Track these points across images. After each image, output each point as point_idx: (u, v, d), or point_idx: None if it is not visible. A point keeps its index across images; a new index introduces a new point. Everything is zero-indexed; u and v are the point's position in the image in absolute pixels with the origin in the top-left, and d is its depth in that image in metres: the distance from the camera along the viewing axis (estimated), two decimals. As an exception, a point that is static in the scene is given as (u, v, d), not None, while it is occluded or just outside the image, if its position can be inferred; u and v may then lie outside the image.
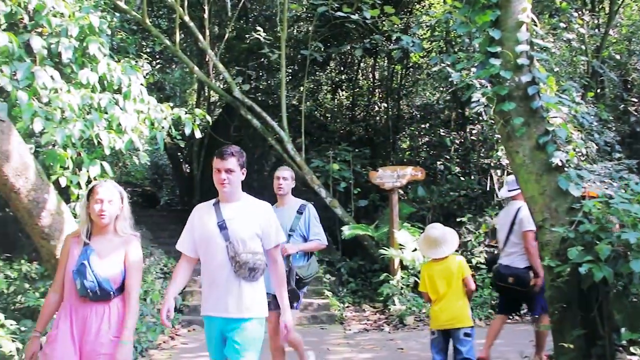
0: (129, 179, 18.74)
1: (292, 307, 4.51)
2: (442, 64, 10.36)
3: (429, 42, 13.00)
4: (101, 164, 6.50)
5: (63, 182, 6.23)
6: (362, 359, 6.75)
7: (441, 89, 13.90)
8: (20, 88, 5.82)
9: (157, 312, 8.31)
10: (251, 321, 3.53)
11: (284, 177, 5.28)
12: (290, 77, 14.46)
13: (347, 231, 9.84)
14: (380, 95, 15.34)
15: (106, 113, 6.51)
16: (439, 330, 4.95)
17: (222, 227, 3.52)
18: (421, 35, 12.45)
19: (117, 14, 9.54)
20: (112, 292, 3.42)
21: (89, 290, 3.35)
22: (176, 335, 8.03)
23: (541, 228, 4.70)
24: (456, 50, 11.24)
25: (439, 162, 12.82)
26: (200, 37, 11.45)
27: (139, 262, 3.54)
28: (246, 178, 3.74)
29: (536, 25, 5.17)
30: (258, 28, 12.06)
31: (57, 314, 3.50)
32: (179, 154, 17.10)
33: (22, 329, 5.66)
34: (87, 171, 6.40)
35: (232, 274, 3.49)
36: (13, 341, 4.92)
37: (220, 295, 3.53)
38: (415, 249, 9.04)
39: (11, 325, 5.15)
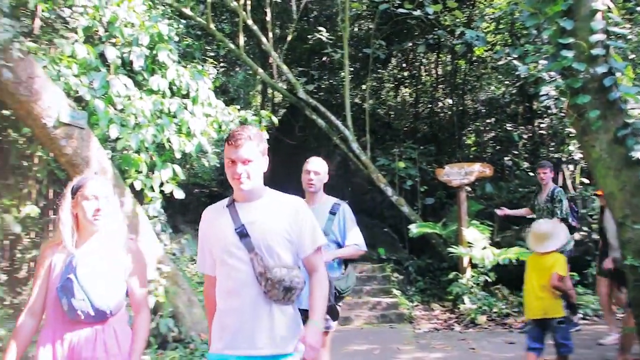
0: (196, 180, 19.18)
1: (328, 326, 4.12)
2: (508, 57, 10.11)
3: (493, 35, 12.70)
4: (172, 167, 6.71)
5: (138, 185, 6.46)
6: (433, 359, 6.67)
7: (507, 82, 13.54)
8: (97, 97, 6.10)
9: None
10: (291, 358, 2.66)
11: (316, 171, 4.35)
12: (352, 76, 14.45)
13: (414, 229, 9.73)
14: (444, 91, 15.11)
15: (176, 117, 6.71)
16: (533, 320, 5.04)
17: (243, 233, 2.63)
18: (485, 29, 12.18)
19: (183, 21, 9.81)
20: (109, 311, 2.76)
21: (79, 312, 2.69)
22: None
23: (622, 225, 4.50)
24: (522, 42, 10.91)
25: (506, 158, 12.50)
26: (264, 39, 11.60)
27: (144, 268, 2.98)
28: None
29: (611, 12, 4.95)
30: (320, 28, 12.11)
31: (37, 343, 2.78)
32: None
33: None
34: (160, 174, 6.62)
35: (260, 296, 2.59)
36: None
37: (245, 326, 2.60)
38: (485, 247, 8.85)
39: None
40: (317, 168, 4.37)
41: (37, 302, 2.80)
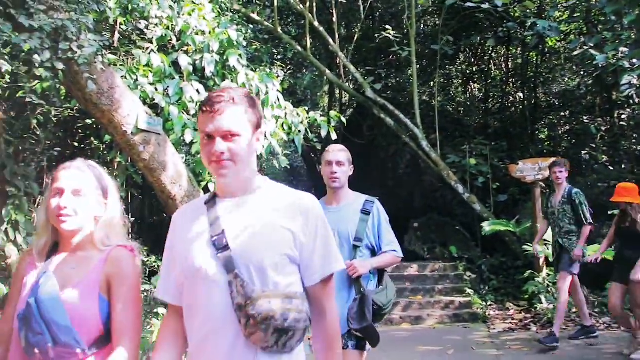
0: (267, 182, 19.54)
1: (362, 347, 3.41)
2: (584, 47, 9.72)
3: (567, 25, 12.24)
4: (244, 169, 6.85)
5: (212, 188, 6.67)
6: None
7: (582, 73, 13.01)
8: (172, 103, 6.35)
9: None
10: None
11: (339, 162, 3.46)
12: (420, 73, 14.31)
13: (487, 227, 9.54)
14: (515, 85, 14.70)
15: (247, 121, 6.86)
16: None
17: (221, 245, 1.79)
18: (558, 18, 11.75)
19: (251, 26, 10.03)
20: (79, 349, 1.94)
21: (36, 350, 1.93)
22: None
23: None
24: (600, 30, 10.46)
25: (583, 152, 12.03)
26: (330, 40, 11.68)
27: (132, 290, 2.06)
28: (380, 176, 3.66)
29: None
30: (386, 26, 12.07)
31: None
32: (313, 155, 17.56)
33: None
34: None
35: (240, 340, 1.74)
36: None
37: None
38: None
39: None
40: (340, 157, 3.47)
41: (5, 327, 2.08)
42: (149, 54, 6.46)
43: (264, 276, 1.73)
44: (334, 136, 7.90)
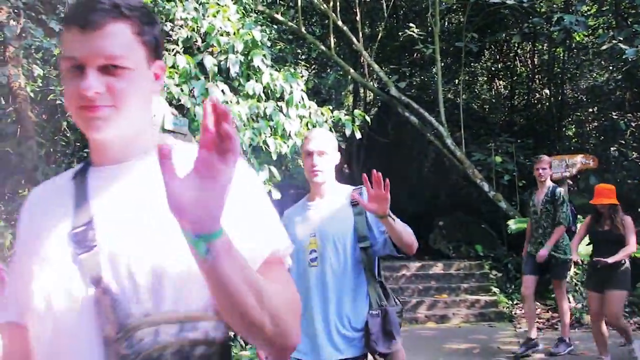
0: (292, 181, 19.67)
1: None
2: (613, 41, 9.57)
3: (595, 19, 12.04)
4: (269, 168, 6.94)
5: (236, 188, 6.74)
6: (536, 359, 6.46)
7: (611, 68, 12.79)
8: (197, 104, 6.44)
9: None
10: None
11: (321, 151, 2.76)
12: (444, 71, 14.23)
13: (513, 225, 9.44)
14: (541, 82, 14.52)
15: (271, 120, 6.93)
16: None
17: (84, 243, 1.09)
18: (586, 12, 11.57)
19: (275, 26, 10.09)
20: None
21: None
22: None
23: None
24: (630, 22, 10.28)
25: (612, 148, 11.83)
26: (354, 39, 11.69)
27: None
28: (404, 175, 3.49)
29: None
30: (409, 24, 12.03)
31: None
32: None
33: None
34: (257, 175, 6.85)
35: None
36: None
37: None
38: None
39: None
40: (321, 146, 2.75)
41: None
42: (175, 55, 6.55)
43: (154, 289, 1.04)
44: (358, 135, 7.92)
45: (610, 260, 5.38)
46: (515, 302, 9.30)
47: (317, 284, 2.69)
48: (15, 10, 4.99)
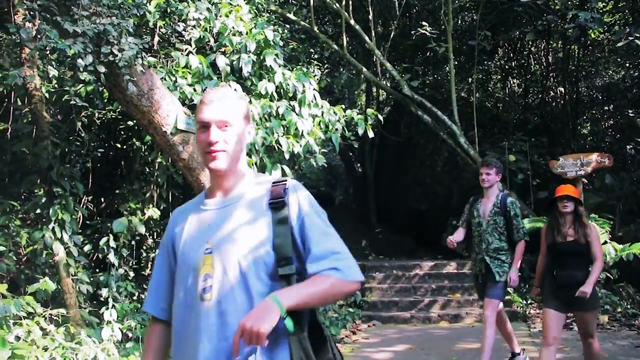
0: (305, 180, 19.72)
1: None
2: (629, 37, 9.46)
3: (611, 15, 11.92)
4: (282, 168, 6.95)
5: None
6: None
7: (627, 65, 12.66)
8: (210, 103, 6.46)
9: (338, 307, 8.67)
10: None
11: (222, 122, 1.86)
12: (458, 69, 14.17)
13: (527, 224, 9.36)
14: (556, 80, 14.40)
15: (284, 119, 6.94)
16: None
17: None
18: (601, 9, 11.46)
19: (287, 26, 10.10)
20: None
21: None
22: (357, 330, 8.28)
23: None
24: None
25: (628, 147, 11.72)
26: (366, 38, 11.67)
27: None
28: (418, 174, 3.25)
29: None
30: (422, 23, 11.99)
31: None
32: (351, 154, 17.57)
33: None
34: (270, 175, 6.88)
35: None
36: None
37: None
38: (606, 242, 8.35)
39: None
40: (222, 114, 1.85)
41: None
42: (188, 55, 6.59)
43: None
44: (371, 134, 7.92)
45: (589, 289, 4.55)
46: (529, 302, 9.23)
47: (210, 327, 1.72)
48: (31, 12, 5.05)
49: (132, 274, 7.32)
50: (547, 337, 4.72)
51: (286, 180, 1.87)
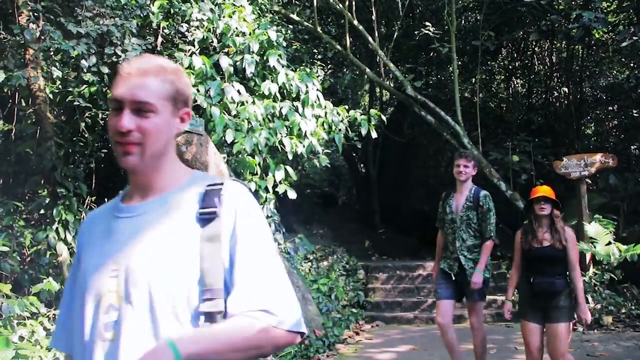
0: (308, 181, 19.72)
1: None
2: (634, 37, 9.45)
3: (615, 15, 11.89)
4: (285, 168, 6.95)
5: (252, 187, 6.77)
6: (554, 360, 6.39)
7: (632, 65, 12.63)
8: (213, 104, 6.48)
9: (342, 307, 8.66)
10: None
11: (138, 103, 1.35)
12: (461, 69, 14.15)
13: (530, 225, 9.36)
14: (559, 80, 14.37)
15: (287, 120, 6.95)
16: None
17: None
18: (606, 9, 11.43)
19: (290, 26, 10.11)
20: None
21: None
22: (360, 330, 8.28)
23: None
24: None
25: (632, 147, 11.68)
26: (370, 38, 11.67)
27: None
28: (421, 175, 3.17)
29: None
30: (426, 23, 11.98)
31: None
32: (354, 154, 17.57)
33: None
34: (273, 176, 6.89)
35: None
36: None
37: None
38: (610, 243, 8.33)
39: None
40: (140, 93, 1.35)
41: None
42: (191, 56, 6.60)
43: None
44: (374, 134, 7.93)
45: (589, 316, 4.39)
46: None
47: None
48: (35, 14, 5.06)
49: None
50: (531, 351, 4.48)
51: (223, 183, 1.40)
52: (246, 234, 1.35)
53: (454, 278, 5.07)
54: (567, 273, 4.45)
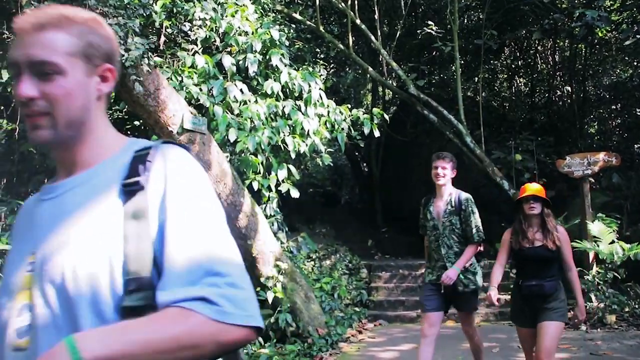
0: (311, 180, 19.72)
1: None
2: (637, 36, 9.43)
3: (618, 13, 11.86)
4: (288, 167, 6.96)
5: (255, 186, 6.78)
6: (557, 359, 6.39)
7: (635, 63, 12.60)
8: (216, 103, 6.49)
9: (345, 306, 8.67)
10: None
11: (39, 63, 1.10)
12: (464, 68, 14.13)
13: (533, 224, 9.34)
14: (562, 79, 14.35)
15: (290, 119, 6.96)
16: None
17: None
18: (609, 7, 11.41)
19: (293, 25, 10.11)
20: None
21: None
22: (363, 329, 8.28)
23: None
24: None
25: (636, 146, 11.65)
26: (372, 37, 11.66)
27: None
28: (424, 174, 3.18)
29: None
30: (428, 22, 11.97)
31: None
32: (357, 153, 17.57)
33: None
34: (276, 174, 6.90)
35: None
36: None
37: None
38: (613, 241, 8.31)
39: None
40: (39, 50, 1.10)
41: None
42: (194, 55, 6.61)
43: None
44: (377, 133, 7.92)
45: (584, 316, 4.24)
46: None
47: None
48: (38, 12, 5.08)
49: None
50: (528, 353, 4.36)
51: (151, 147, 1.16)
52: (178, 203, 1.07)
53: (442, 290, 4.70)
54: (560, 274, 4.23)
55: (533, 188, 4.32)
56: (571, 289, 4.24)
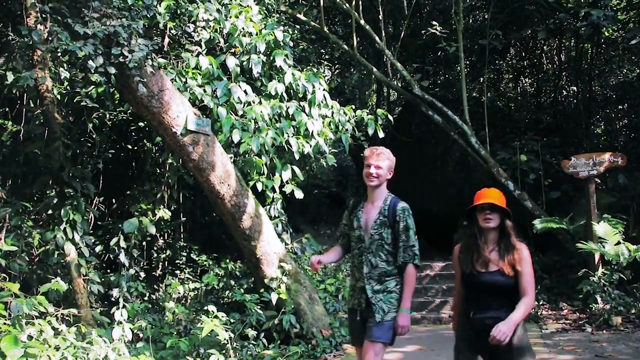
0: (315, 181, 19.70)
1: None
2: (644, 35, 9.38)
3: (625, 13, 11.80)
4: (292, 168, 6.95)
5: (259, 187, 6.78)
6: (562, 360, 6.36)
7: (642, 63, 12.54)
8: (220, 104, 6.49)
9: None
10: None
11: None
12: (469, 69, 14.09)
13: (538, 225, 9.31)
14: (568, 79, 14.27)
15: (294, 120, 6.95)
16: None
17: None
18: (615, 6, 11.35)
19: (297, 26, 10.11)
20: None
21: None
22: (368, 330, 8.24)
23: None
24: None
25: (642, 146, 11.57)
26: (377, 38, 11.65)
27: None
28: (428, 174, 3.09)
29: None
30: (433, 22, 11.95)
31: None
32: (361, 154, 17.53)
33: (232, 320, 6.24)
34: (280, 176, 6.90)
35: None
36: (226, 331, 5.42)
37: None
38: (619, 242, 8.26)
39: (222, 317, 5.66)
40: None
41: None
42: (198, 56, 6.62)
43: None
44: (381, 134, 7.91)
45: (509, 328, 3.19)
46: (541, 303, 9.18)
47: None
48: (43, 15, 5.08)
49: (142, 274, 7.35)
50: None
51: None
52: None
53: (358, 317, 3.91)
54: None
55: (490, 194, 3.46)
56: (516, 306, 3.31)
